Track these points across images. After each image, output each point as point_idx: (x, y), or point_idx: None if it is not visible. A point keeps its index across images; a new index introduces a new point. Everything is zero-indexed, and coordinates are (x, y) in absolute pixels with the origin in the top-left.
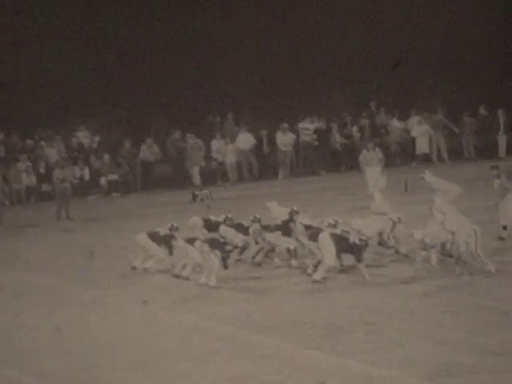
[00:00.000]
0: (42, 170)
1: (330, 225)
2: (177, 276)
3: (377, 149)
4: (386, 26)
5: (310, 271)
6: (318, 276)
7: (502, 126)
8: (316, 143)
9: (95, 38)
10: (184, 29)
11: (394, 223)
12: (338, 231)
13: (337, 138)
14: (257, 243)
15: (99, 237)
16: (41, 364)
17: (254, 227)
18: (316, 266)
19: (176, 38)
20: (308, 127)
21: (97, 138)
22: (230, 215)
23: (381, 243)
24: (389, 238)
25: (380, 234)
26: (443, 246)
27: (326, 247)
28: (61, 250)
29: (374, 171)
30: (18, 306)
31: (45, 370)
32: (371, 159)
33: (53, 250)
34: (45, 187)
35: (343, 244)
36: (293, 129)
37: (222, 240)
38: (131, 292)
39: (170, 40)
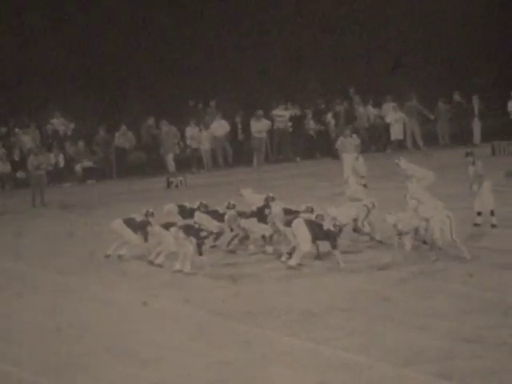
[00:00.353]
0: (16, 157)
1: (307, 208)
2: (151, 263)
3: (354, 135)
4: (360, 13)
5: (283, 258)
6: (293, 262)
7: (476, 113)
8: (290, 130)
9: (69, 27)
10: (158, 16)
11: (369, 209)
12: (313, 216)
13: (311, 125)
14: (231, 230)
15: (74, 224)
16: (16, 350)
17: (230, 213)
18: (290, 254)
19: (150, 26)
20: (282, 114)
21: (71, 125)
22: (204, 201)
23: (356, 230)
24: (363, 225)
25: (355, 220)
26: (416, 231)
27: (301, 234)
28: (36, 236)
29: (350, 157)
30: None
31: (19, 356)
32: (348, 145)
33: (28, 237)
34: (19, 174)
35: (317, 231)
36: (267, 116)
37: (196, 226)
38: (107, 279)
39: (144, 27)
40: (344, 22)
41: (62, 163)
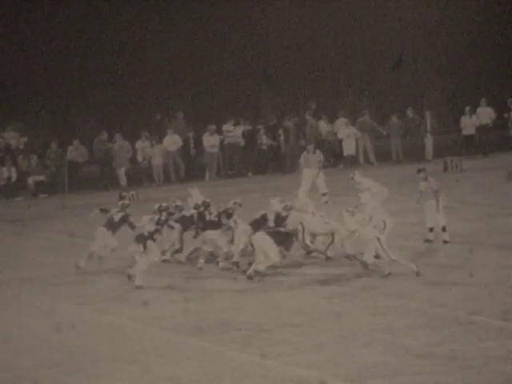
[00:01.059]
0: None
1: (286, 207)
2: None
3: (317, 151)
4: (316, 30)
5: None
6: (261, 267)
7: (429, 129)
8: (242, 144)
9: (20, 38)
10: (115, 29)
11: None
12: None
13: (263, 140)
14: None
15: (25, 238)
16: None
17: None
18: (250, 264)
19: (106, 38)
20: (230, 129)
21: (24, 139)
22: (179, 203)
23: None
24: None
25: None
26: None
27: (267, 246)
28: None
29: (311, 173)
30: None
31: None
32: (311, 161)
33: None
34: None
35: (278, 236)
36: (220, 130)
37: (146, 234)
38: (55, 292)
39: (99, 40)
40: (298, 40)
41: (14, 177)
